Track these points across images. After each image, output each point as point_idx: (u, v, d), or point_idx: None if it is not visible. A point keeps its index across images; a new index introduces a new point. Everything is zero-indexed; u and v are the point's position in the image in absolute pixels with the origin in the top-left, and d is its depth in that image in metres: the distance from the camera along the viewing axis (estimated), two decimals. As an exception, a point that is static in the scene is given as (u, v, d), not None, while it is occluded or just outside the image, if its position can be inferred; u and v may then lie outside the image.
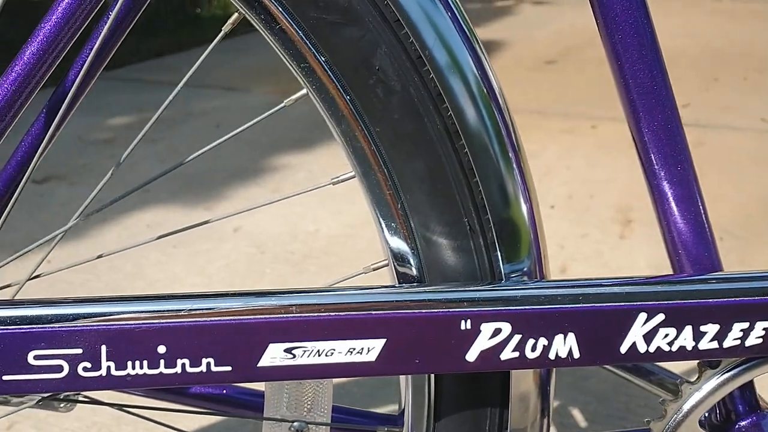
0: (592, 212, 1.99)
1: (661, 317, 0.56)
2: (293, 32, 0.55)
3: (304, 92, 0.58)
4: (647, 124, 0.60)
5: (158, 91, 3.12)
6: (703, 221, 0.62)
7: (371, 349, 0.54)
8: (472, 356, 0.55)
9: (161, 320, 0.52)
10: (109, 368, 0.52)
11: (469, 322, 0.54)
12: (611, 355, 0.56)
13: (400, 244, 0.59)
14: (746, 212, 1.96)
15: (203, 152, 0.59)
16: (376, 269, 0.62)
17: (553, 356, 0.55)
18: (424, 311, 0.54)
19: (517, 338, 0.55)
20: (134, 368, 0.52)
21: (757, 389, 0.64)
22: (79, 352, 0.51)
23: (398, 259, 0.59)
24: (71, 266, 0.60)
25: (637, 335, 0.56)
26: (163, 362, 0.52)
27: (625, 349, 0.56)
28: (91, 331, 0.51)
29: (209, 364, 0.52)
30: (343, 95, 0.56)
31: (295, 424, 0.64)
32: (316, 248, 1.81)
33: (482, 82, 0.56)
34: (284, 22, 0.55)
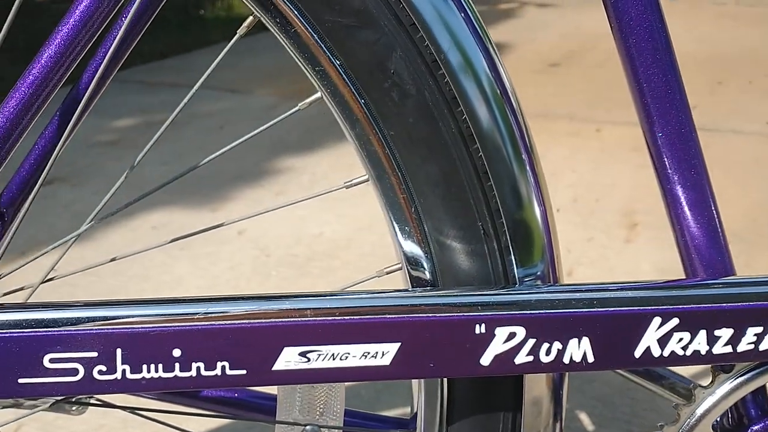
0: (597, 216, 1.99)
1: (675, 321, 0.56)
2: (308, 35, 0.55)
3: (318, 95, 0.58)
4: (661, 128, 0.60)
5: (162, 92, 3.11)
6: (716, 225, 0.61)
7: (386, 353, 0.54)
8: (486, 360, 0.55)
9: (176, 323, 0.52)
10: (124, 371, 0.52)
11: (483, 326, 0.54)
12: (625, 359, 0.56)
13: (413, 247, 0.59)
14: (752, 215, 1.95)
15: (217, 155, 0.59)
16: (389, 273, 0.62)
17: (567, 360, 0.55)
18: (438, 315, 0.54)
19: (531, 342, 0.55)
20: (149, 371, 0.52)
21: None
22: (94, 355, 0.51)
23: (412, 263, 0.59)
24: (85, 269, 0.60)
25: (651, 339, 0.56)
26: (178, 366, 0.52)
27: (639, 353, 0.56)
28: (106, 334, 0.51)
29: (224, 367, 0.52)
30: (357, 99, 0.56)
31: (307, 427, 0.64)
32: (319, 251, 1.81)
33: (497, 85, 0.56)
34: (299, 25, 0.55)
